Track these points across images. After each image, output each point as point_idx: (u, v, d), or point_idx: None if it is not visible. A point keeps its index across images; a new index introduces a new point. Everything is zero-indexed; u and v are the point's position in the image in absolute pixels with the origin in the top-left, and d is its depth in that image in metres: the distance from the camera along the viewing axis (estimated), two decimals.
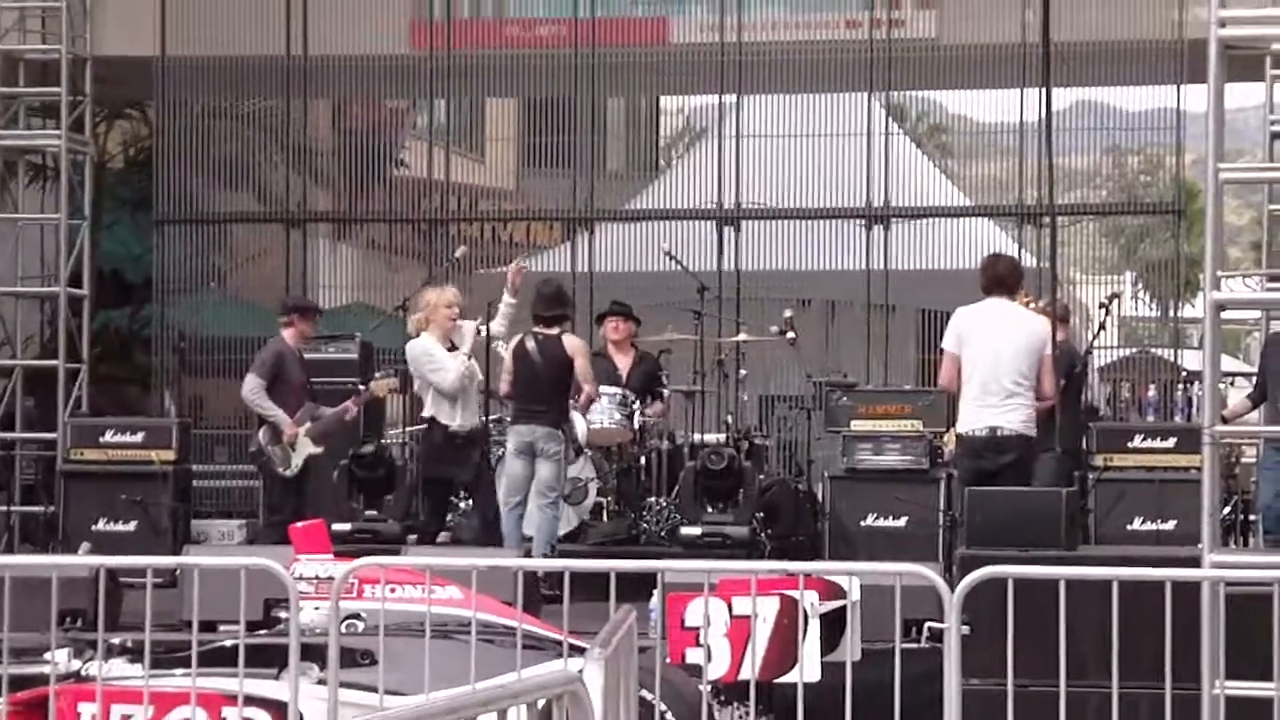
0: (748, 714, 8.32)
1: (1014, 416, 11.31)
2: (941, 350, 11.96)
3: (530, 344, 12.76)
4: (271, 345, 13.19)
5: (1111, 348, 19.96)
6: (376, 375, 14.18)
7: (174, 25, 17.58)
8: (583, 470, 13.64)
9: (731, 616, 7.72)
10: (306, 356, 13.59)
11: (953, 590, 7.30)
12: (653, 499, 13.85)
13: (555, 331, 12.81)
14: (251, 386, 12.90)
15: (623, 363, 14.10)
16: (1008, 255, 12.46)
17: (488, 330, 12.91)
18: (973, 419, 11.36)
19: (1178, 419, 17.45)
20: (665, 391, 14.38)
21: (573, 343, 13.06)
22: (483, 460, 13.01)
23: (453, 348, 12.74)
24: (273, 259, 18.48)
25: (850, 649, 7.72)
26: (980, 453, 11.34)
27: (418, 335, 12.90)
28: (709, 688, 7.91)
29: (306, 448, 12.91)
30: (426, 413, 12.79)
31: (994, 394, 11.29)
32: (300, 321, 13.27)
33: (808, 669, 7.68)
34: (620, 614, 6.32)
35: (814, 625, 7.72)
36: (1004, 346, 11.34)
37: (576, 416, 13.40)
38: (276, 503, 12.99)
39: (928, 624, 8.96)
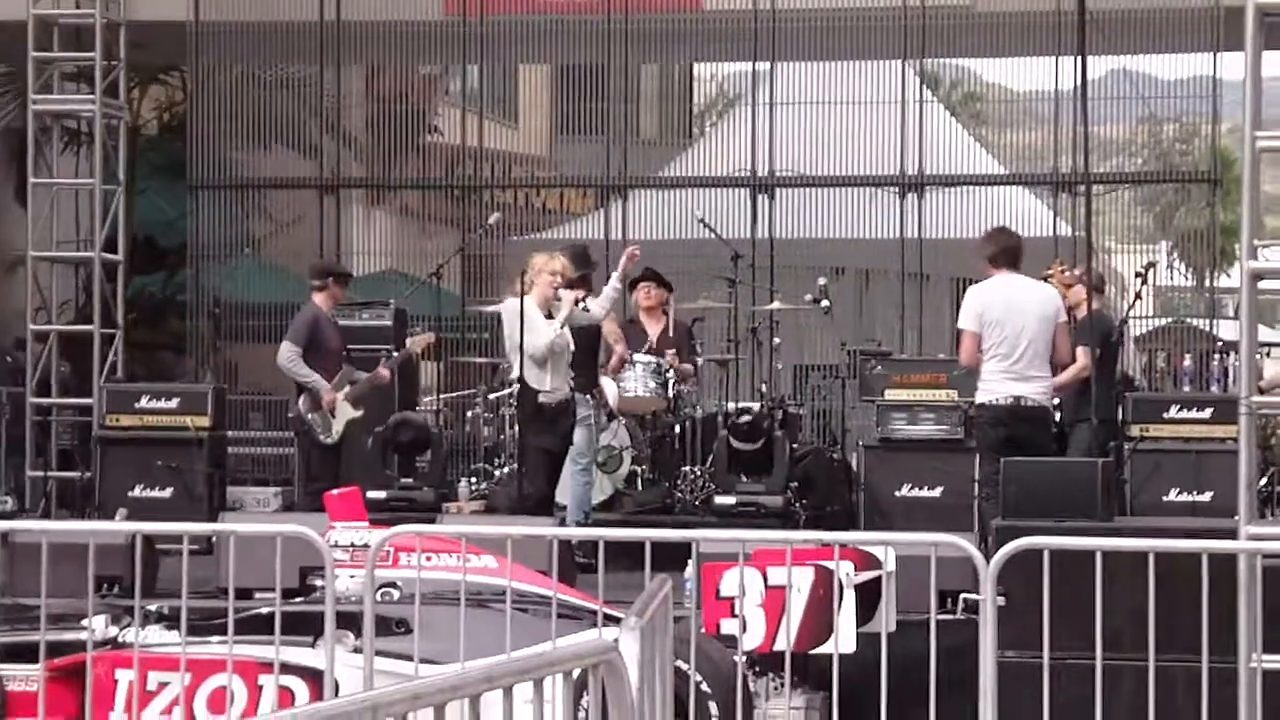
0: (782, 685, 8.33)
1: (1036, 386, 11.39)
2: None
3: None
4: (305, 311, 13.16)
5: (1147, 318, 19.87)
6: (412, 331, 14.16)
7: None
8: (617, 438, 13.63)
9: (766, 587, 7.73)
10: (341, 323, 13.60)
11: (988, 561, 7.29)
12: (687, 468, 13.83)
13: (581, 293, 12.71)
14: (288, 355, 12.87)
15: (654, 330, 14.06)
16: (1008, 230, 12.39)
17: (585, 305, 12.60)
18: (996, 388, 11.38)
19: (1214, 389, 17.36)
20: (699, 359, 14.33)
21: None
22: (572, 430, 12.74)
23: (550, 316, 12.37)
24: (307, 225, 18.47)
25: (885, 620, 7.73)
26: (1004, 421, 11.35)
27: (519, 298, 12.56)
28: (744, 658, 7.92)
29: (347, 413, 12.88)
30: (515, 374, 12.35)
31: (1018, 366, 11.32)
32: (333, 286, 13.26)
33: (843, 640, 7.68)
34: (655, 584, 6.32)
35: (849, 596, 7.72)
36: (1026, 321, 11.36)
37: (606, 381, 13.38)
38: (316, 471, 12.94)
39: (963, 595, 8.97)
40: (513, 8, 17.98)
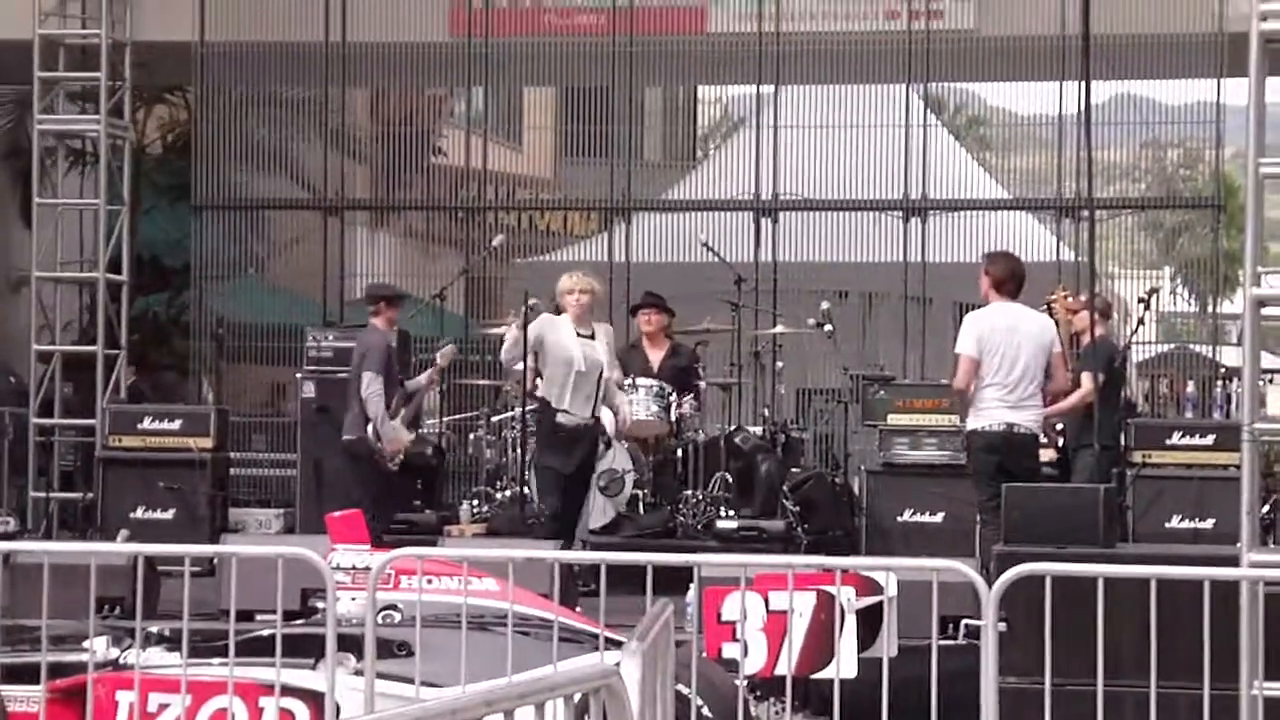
0: (784, 710, 8.31)
1: (1028, 415, 11.36)
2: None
3: None
4: (375, 337, 13.00)
5: (1150, 344, 19.87)
6: (441, 342, 14.15)
7: (213, 10, 17.56)
8: (619, 462, 13.61)
9: (768, 611, 7.71)
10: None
11: (990, 587, 7.28)
12: (689, 492, 13.82)
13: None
14: (374, 389, 12.67)
15: (655, 355, 14.03)
16: (1016, 256, 12.31)
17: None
18: (990, 415, 11.33)
19: (1216, 416, 17.36)
20: (701, 384, 14.29)
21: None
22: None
23: (592, 335, 12.30)
24: (310, 246, 18.48)
25: (887, 645, 7.71)
26: (997, 448, 11.32)
27: None
28: (745, 683, 7.91)
29: (405, 438, 12.91)
30: (540, 391, 12.26)
31: (1013, 394, 11.29)
32: (387, 309, 13.19)
33: (844, 665, 7.66)
34: (657, 607, 6.31)
35: (850, 621, 7.70)
36: (1023, 349, 11.34)
37: (603, 408, 13.35)
38: (378, 493, 12.76)
39: (965, 621, 8.97)
40: (517, 30, 18.03)
